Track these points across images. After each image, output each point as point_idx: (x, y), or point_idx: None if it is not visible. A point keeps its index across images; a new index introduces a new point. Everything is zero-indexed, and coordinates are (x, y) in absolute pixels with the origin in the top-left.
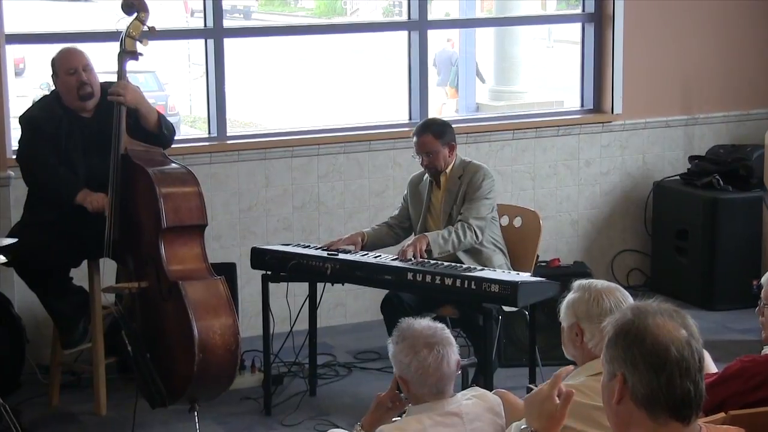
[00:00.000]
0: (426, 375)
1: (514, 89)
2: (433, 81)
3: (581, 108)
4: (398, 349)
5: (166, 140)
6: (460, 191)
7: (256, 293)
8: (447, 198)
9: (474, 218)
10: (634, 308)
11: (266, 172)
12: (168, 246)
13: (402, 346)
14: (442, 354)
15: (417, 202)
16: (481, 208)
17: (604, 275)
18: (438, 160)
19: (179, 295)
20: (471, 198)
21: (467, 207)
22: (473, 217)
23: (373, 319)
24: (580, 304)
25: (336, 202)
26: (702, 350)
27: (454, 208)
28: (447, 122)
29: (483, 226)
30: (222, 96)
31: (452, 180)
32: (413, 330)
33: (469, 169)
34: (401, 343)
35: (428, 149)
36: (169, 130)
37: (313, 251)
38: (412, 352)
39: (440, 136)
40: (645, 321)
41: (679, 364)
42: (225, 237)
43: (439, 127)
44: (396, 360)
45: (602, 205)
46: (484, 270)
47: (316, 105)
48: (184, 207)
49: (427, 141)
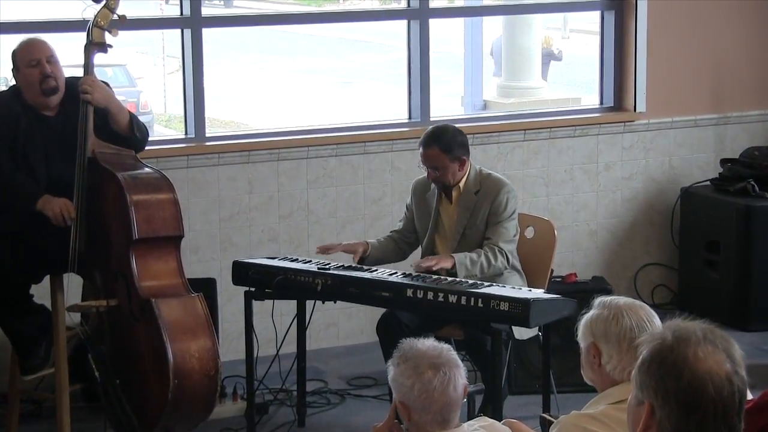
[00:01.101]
0: (430, 400)
1: (525, 85)
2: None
3: (600, 106)
4: (399, 371)
5: (138, 143)
6: (478, 210)
7: (239, 312)
8: (460, 215)
9: (504, 242)
10: (676, 332)
11: (249, 177)
12: (140, 259)
13: (404, 368)
14: (449, 376)
15: (424, 213)
16: (510, 231)
17: (626, 292)
18: (446, 177)
19: (152, 315)
20: (496, 221)
21: (494, 231)
22: (503, 241)
23: (369, 341)
24: (597, 322)
25: (327, 211)
26: (745, 387)
27: (469, 229)
28: (458, 132)
29: (513, 250)
30: (200, 92)
31: (467, 195)
32: (417, 350)
33: (489, 185)
34: (403, 364)
35: (435, 164)
36: (142, 132)
37: (301, 265)
38: (415, 374)
39: (449, 150)
40: (685, 351)
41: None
42: (203, 249)
43: (448, 140)
44: (396, 383)
45: (624, 213)
46: (493, 286)
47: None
48: (157, 216)
49: (433, 155)
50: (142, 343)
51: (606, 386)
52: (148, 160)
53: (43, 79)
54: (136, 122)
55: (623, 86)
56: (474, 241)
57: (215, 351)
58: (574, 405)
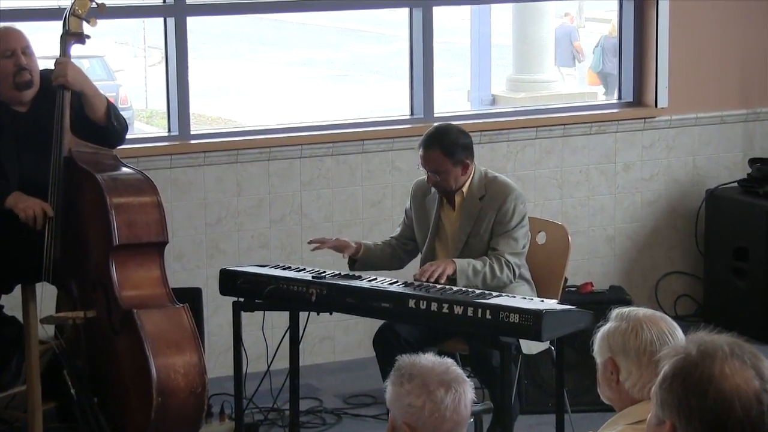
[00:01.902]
0: (442, 420)
1: (537, 78)
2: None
3: (618, 101)
4: (405, 391)
5: (115, 134)
6: (483, 217)
7: (226, 324)
8: (463, 222)
9: (511, 254)
10: (701, 346)
11: (238, 179)
12: (120, 267)
13: (411, 387)
14: (460, 393)
15: (423, 219)
16: (518, 241)
17: (646, 302)
18: (447, 181)
19: (133, 327)
20: (503, 231)
21: (500, 241)
22: (510, 252)
23: (367, 356)
24: (615, 335)
25: (322, 215)
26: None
27: (473, 237)
28: (462, 133)
29: (520, 263)
30: (184, 86)
31: (470, 200)
32: (421, 366)
33: (494, 190)
34: (408, 383)
35: (435, 167)
36: (120, 122)
37: (294, 274)
38: (425, 393)
39: (450, 154)
40: (711, 367)
41: (743, 426)
42: (189, 256)
43: (450, 142)
44: (401, 404)
45: (644, 217)
46: (502, 296)
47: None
48: (139, 220)
49: (433, 157)
50: (123, 358)
51: (624, 405)
52: (128, 160)
53: (18, 71)
54: (113, 110)
55: (643, 79)
56: (477, 250)
57: (202, 366)
58: (590, 425)
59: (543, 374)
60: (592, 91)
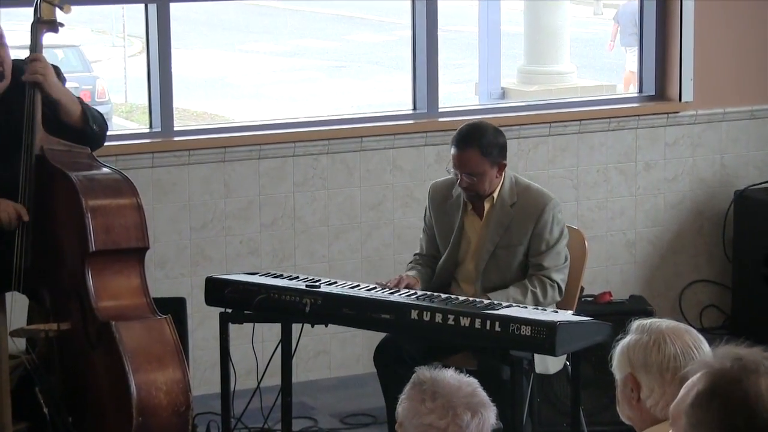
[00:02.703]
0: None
1: (551, 69)
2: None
3: (639, 94)
4: (427, 409)
5: (94, 137)
6: (515, 227)
7: (213, 337)
8: (491, 231)
9: (556, 271)
10: (740, 361)
11: (226, 179)
12: (97, 276)
13: (435, 406)
14: (484, 420)
15: (445, 225)
16: (561, 255)
17: (669, 313)
18: (482, 184)
19: (111, 340)
20: (544, 246)
21: (545, 257)
22: (555, 270)
23: (366, 372)
24: (636, 349)
25: (317, 218)
26: None
27: (502, 249)
28: (498, 132)
29: (566, 278)
30: (167, 78)
31: (500, 208)
32: (447, 385)
33: (528, 199)
34: (432, 401)
35: (472, 169)
36: (99, 124)
37: (287, 282)
38: (450, 414)
39: (489, 153)
40: (757, 383)
41: None
42: (172, 264)
43: (488, 141)
44: (420, 422)
45: (667, 221)
46: (512, 307)
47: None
48: (118, 225)
49: (470, 158)
50: (100, 374)
51: (646, 425)
52: (107, 159)
53: None
54: (90, 113)
55: (666, 71)
56: (506, 264)
57: (186, 383)
58: None
59: (557, 391)
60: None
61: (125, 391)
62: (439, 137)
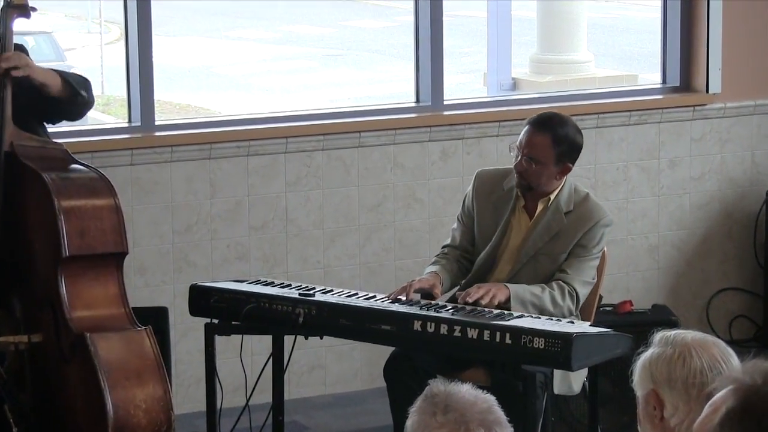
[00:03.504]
0: None
1: (566, 58)
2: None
3: (663, 85)
4: (437, 423)
5: (85, 104)
6: (564, 236)
7: (197, 351)
8: (537, 234)
9: (580, 283)
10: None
11: (212, 177)
12: (71, 283)
13: (446, 420)
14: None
15: (489, 219)
16: (591, 271)
17: (696, 324)
18: (539, 176)
19: (86, 354)
20: (581, 255)
21: (573, 264)
22: (580, 281)
23: (365, 388)
24: (659, 363)
25: (311, 220)
26: None
27: (544, 255)
28: (579, 132)
29: (587, 294)
30: (148, 68)
31: (554, 214)
32: (461, 399)
33: (585, 210)
34: (444, 414)
35: (536, 154)
36: (86, 89)
37: (278, 290)
38: (461, 430)
39: (559, 145)
40: None
41: None
42: (153, 270)
43: (565, 135)
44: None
45: (693, 224)
46: (524, 317)
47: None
48: (93, 228)
49: (540, 143)
50: (74, 391)
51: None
52: (82, 156)
53: None
54: (72, 80)
55: (692, 60)
56: (544, 271)
57: (167, 401)
58: None
59: (573, 410)
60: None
61: (101, 409)
62: (443, 132)
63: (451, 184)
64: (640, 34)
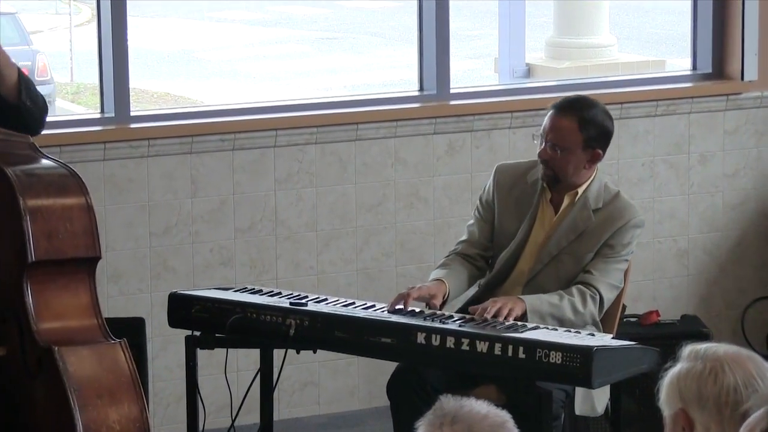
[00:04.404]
0: None
1: (586, 42)
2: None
3: (693, 72)
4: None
5: (30, 116)
6: (591, 234)
7: (177, 366)
8: (562, 231)
9: (606, 287)
10: None
11: (193, 174)
12: (38, 292)
13: (453, 431)
14: None
15: (512, 215)
16: (618, 274)
17: (730, 337)
18: (565, 164)
19: (54, 370)
20: (609, 256)
21: (599, 265)
22: (606, 285)
23: (363, 408)
24: (689, 379)
25: (303, 222)
26: None
27: (568, 254)
28: (609, 116)
29: (612, 299)
30: (122, 53)
31: (581, 210)
32: (471, 411)
33: (616, 208)
34: (451, 426)
35: (561, 139)
36: (35, 100)
37: (267, 299)
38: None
39: (586, 129)
40: None
41: None
42: (128, 277)
43: (592, 118)
44: None
45: (727, 226)
46: (539, 329)
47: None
48: (63, 230)
49: (564, 126)
50: (41, 410)
51: None
52: (50, 150)
53: None
54: (25, 85)
55: (725, 44)
56: (567, 273)
57: (144, 421)
58: None
59: (594, 430)
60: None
61: (69, 429)
62: (450, 124)
63: (458, 182)
64: (669, 16)
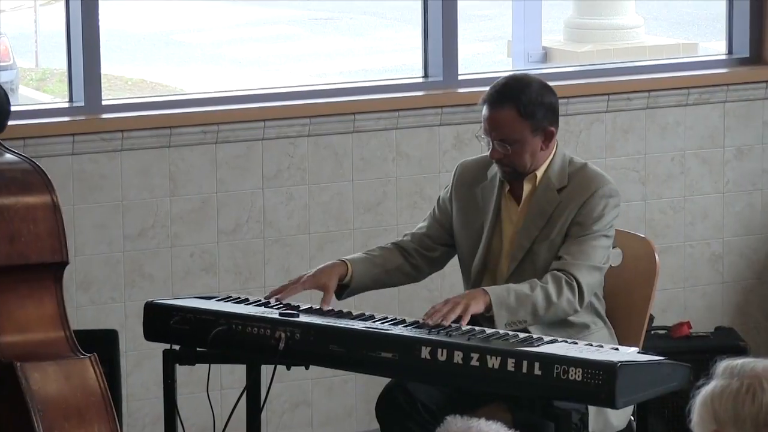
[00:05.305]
0: None
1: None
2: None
3: (728, 56)
4: None
5: None
6: (560, 215)
7: (154, 383)
8: (529, 221)
9: (581, 269)
10: None
11: (171, 170)
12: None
13: None
14: None
15: (473, 215)
16: (597, 253)
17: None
18: (521, 156)
19: (16, 387)
20: (580, 234)
21: (571, 247)
22: (579, 266)
23: (359, 430)
24: (723, 399)
25: (294, 223)
26: None
27: (540, 243)
28: (546, 89)
29: (594, 284)
30: (93, 35)
31: (545, 191)
32: (477, 428)
33: (581, 180)
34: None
35: (505, 134)
36: None
37: (254, 309)
38: None
39: (530, 115)
40: None
41: None
42: (99, 284)
43: (531, 99)
44: None
45: (765, 227)
46: (557, 342)
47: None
48: (26, 232)
49: (504, 119)
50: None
51: None
52: (11, 143)
53: None
54: None
55: (764, 26)
56: (544, 264)
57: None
58: None
59: None
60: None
61: None
62: (458, 114)
63: None
64: None
